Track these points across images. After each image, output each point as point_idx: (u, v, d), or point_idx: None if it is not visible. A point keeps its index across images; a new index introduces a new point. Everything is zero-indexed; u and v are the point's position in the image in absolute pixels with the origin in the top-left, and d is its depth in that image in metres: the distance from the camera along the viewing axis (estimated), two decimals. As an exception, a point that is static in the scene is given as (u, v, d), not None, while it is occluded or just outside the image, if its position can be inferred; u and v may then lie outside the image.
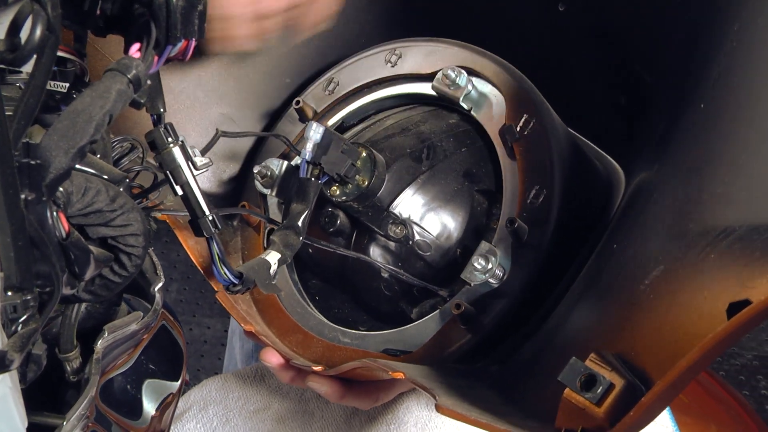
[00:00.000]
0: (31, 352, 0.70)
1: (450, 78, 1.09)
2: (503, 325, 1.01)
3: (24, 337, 0.61)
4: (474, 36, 1.14)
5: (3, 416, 0.62)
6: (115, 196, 0.75)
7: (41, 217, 0.65)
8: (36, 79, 0.63)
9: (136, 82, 0.72)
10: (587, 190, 1.09)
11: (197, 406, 1.32)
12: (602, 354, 0.73)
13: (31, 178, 0.63)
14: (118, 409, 0.93)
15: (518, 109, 1.05)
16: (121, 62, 0.72)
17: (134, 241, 0.78)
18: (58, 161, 0.65)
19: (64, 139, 0.66)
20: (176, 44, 0.79)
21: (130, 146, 0.99)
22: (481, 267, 0.99)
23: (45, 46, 0.63)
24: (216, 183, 1.30)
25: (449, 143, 1.10)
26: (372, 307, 1.14)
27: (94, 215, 0.74)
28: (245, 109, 1.28)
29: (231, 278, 0.95)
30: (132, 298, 1.03)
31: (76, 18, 0.84)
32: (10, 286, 0.62)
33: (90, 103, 0.68)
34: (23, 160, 0.61)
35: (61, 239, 0.69)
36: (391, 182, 1.07)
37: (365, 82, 1.20)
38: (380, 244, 1.09)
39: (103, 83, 0.70)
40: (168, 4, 0.75)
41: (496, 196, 1.07)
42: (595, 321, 0.86)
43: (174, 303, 3.41)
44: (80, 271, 0.73)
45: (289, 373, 1.13)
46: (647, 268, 0.77)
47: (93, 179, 0.74)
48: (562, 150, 1.03)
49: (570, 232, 1.02)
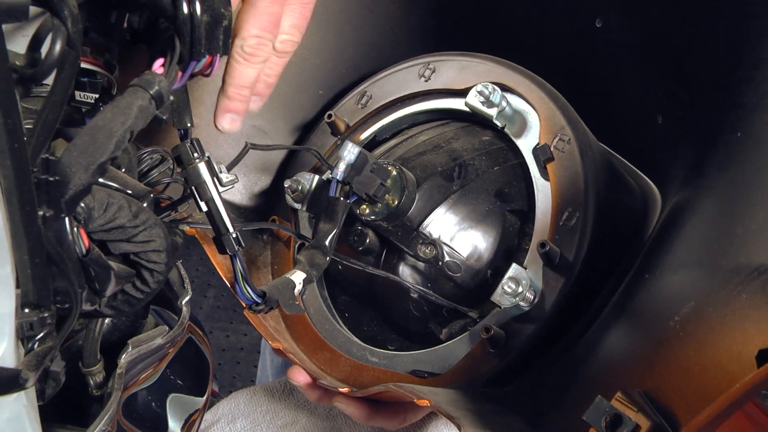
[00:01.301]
0: (50, 369, 0.69)
1: (484, 94, 1.07)
2: (533, 350, 0.99)
3: (39, 356, 0.61)
4: (509, 51, 1.12)
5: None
6: (137, 212, 0.74)
7: (60, 234, 0.64)
8: (55, 94, 0.62)
9: (158, 98, 0.71)
10: (622, 212, 1.07)
11: (225, 419, 1.31)
12: (629, 393, 0.71)
13: (50, 195, 0.62)
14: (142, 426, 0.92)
15: (553, 127, 1.03)
16: (143, 78, 0.71)
17: (157, 258, 0.77)
18: (78, 178, 0.64)
19: (84, 156, 0.65)
20: (200, 60, 0.78)
21: (160, 158, 0.99)
22: (512, 290, 0.98)
23: (65, 62, 0.62)
24: (247, 196, 1.29)
25: (482, 161, 1.08)
26: (401, 326, 1.12)
27: (116, 231, 0.73)
28: (278, 122, 1.27)
29: (254, 297, 0.94)
30: (161, 311, 1.02)
31: (103, 30, 0.83)
32: (27, 303, 0.61)
33: (111, 119, 0.67)
34: (42, 177, 0.61)
35: (81, 255, 0.68)
36: (422, 201, 1.06)
37: (398, 96, 1.19)
38: (409, 264, 1.07)
39: (125, 99, 0.70)
40: (192, 19, 0.74)
41: (528, 216, 1.05)
42: (624, 355, 0.84)
43: (211, 309, 3.42)
44: (101, 288, 0.72)
45: (316, 392, 1.12)
46: (677, 304, 0.74)
47: (115, 194, 0.73)
48: (596, 170, 1.00)
49: (603, 255, 1.00)
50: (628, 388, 0.72)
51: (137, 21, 0.81)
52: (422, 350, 1.06)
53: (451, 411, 0.87)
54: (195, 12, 0.74)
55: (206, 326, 3.37)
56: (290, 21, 0.99)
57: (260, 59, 0.97)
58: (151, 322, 0.98)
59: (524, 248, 1.04)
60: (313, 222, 1.19)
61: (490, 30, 1.23)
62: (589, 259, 0.97)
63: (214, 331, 3.37)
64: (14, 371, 0.58)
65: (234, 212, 1.28)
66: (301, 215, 1.21)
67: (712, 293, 0.72)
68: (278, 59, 1.00)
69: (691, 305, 0.73)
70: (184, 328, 0.97)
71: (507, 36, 1.20)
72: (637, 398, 0.71)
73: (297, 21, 0.99)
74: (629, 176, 1.11)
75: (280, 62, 1.00)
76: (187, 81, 0.86)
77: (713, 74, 0.95)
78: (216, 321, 3.40)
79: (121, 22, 0.82)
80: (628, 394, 0.71)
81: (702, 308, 0.72)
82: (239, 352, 3.32)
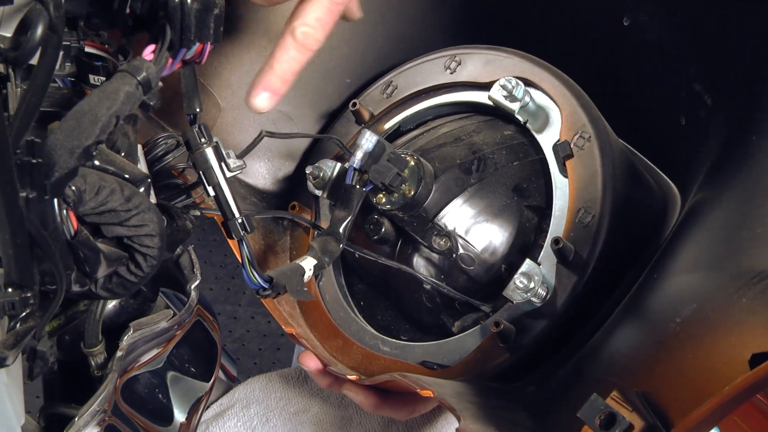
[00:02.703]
0: (36, 348, 0.70)
1: (507, 89, 1.06)
2: (542, 346, 0.98)
3: (19, 335, 0.61)
4: (536, 46, 1.11)
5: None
6: (130, 196, 0.75)
7: (44, 216, 0.65)
8: (38, 78, 0.62)
9: (145, 84, 0.71)
10: (639, 212, 1.06)
11: (240, 404, 1.32)
12: (625, 392, 0.71)
13: (34, 177, 0.63)
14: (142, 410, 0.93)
15: (574, 124, 1.02)
16: (132, 64, 0.72)
17: (149, 242, 0.78)
18: (63, 161, 0.65)
19: (69, 139, 0.65)
20: (191, 47, 0.78)
21: (176, 143, 0.99)
22: (523, 285, 0.97)
23: (47, 46, 0.62)
24: (271, 181, 1.30)
25: (501, 155, 1.08)
26: (414, 317, 1.12)
27: (108, 214, 0.74)
28: (304, 108, 1.28)
29: (260, 282, 0.94)
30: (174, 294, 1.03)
31: (106, 16, 0.83)
32: (10, 283, 0.62)
33: (97, 103, 0.68)
34: (25, 158, 0.61)
35: (69, 238, 0.68)
36: (438, 193, 1.05)
37: (423, 87, 1.18)
38: (424, 255, 1.07)
39: (112, 84, 0.70)
40: (183, 6, 0.74)
41: (545, 213, 1.05)
42: (626, 356, 0.83)
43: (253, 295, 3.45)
44: (91, 270, 0.73)
45: (326, 379, 1.13)
46: (680, 306, 0.74)
47: (108, 178, 0.74)
48: (615, 169, 0.99)
49: (618, 254, 0.99)
50: (627, 388, 0.72)
51: (139, 7, 0.82)
52: (433, 342, 1.06)
53: (453, 403, 0.87)
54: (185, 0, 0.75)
55: (249, 311, 3.40)
56: (316, 14, 0.99)
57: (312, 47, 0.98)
58: (162, 305, 0.99)
59: (540, 244, 1.03)
60: (333, 209, 1.19)
61: (518, 25, 1.22)
62: (603, 258, 0.97)
63: (256, 317, 3.40)
64: None
65: (256, 196, 1.28)
66: (322, 202, 1.22)
67: (714, 296, 0.71)
68: (297, 54, 0.99)
69: (693, 307, 0.72)
70: (192, 312, 0.98)
71: (534, 31, 1.19)
72: (633, 398, 0.70)
73: (323, 15, 0.99)
74: (650, 176, 1.10)
75: (299, 58, 1.00)
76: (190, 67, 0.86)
77: (736, 76, 0.94)
78: (258, 306, 3.42)
79: (123, 8, 0.83)
80: (624, 394, 0.71)
81: (703, 311, 0.71)
82: (280, 338, 3.34)
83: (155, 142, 0.97)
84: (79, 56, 0.84)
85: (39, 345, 0.71)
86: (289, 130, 1.25)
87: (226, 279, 3.56)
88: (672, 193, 1.10)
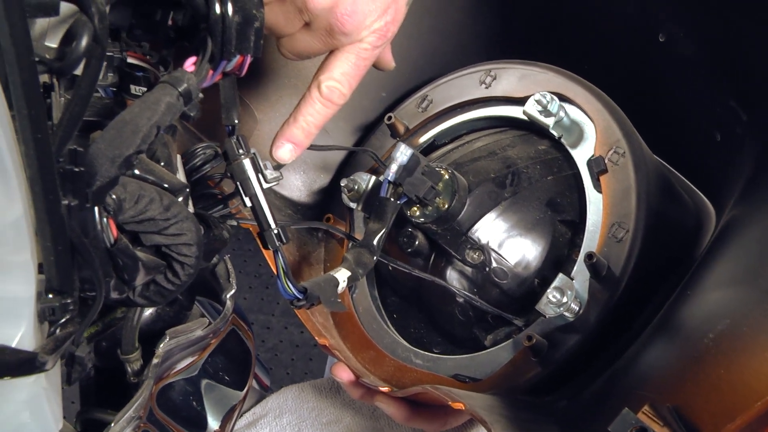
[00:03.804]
0: (75, 354, 0.71)
1: (542, 104, 1.07)
2: (574, 361, 0.98)
3: (58, 340, 0.63)
4: (571, 61, 1.11)
5: (35, 415, 0.64)
6: (169, 205, 0.76)
7: (85, 223, 0.66)
8: (82, 87, 0.64)
9: (186, 95, 0.72)
10: (673, 228, 1.06)
11: (273, 413, 1.33)
12: (656, 407, 0.71)
13: (76, 185, 0.64)
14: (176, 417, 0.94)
15: (608, 140, 1.02)
16: (173, 75, 0.73)
17: (187, 251, 0.79)
18: (105, 169, 0.66)
19: (110, 148, 0.67)
20: (231, 59, 0.79)
21: (214, 153, 1.01)
22: (556, 300, 0.97)
23: (91, 56, 0.63)
24: (306, 193, 1.31)
25: (535, 170, 1.08)
26: (446, 330, 1.12)
27: (147, 223, 0.75)
28: (339, 121, 1.28)
29: (294, 292, 0.95)
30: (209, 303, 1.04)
31: (148, 28, 0.85)
32: (51, 289, 0.63)
33: (138, 113, 0.69)
34: (67, 167, 0.62)
35: (109, 245, 0.70)
36: (472, 206, 1.06)
37: (458, 101, 1.19)
38: (457, 269, 1.08)
39: (153, 94, 0.71)
40: (224, 19, 0.76)
41: (579, 228, 1.05)
42: (659, 370, 0.83)
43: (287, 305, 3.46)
44: (129, 278, 0.74)
45: (358, 390, 1.13)
46: (714, 321, 0.74)
47: (148, 187, 0.75)
48: (649, 185, 1.00)
49: (651, 270, 0.99)
50: (658, 403, 0.72)
51: (181, 19, 0.83)
52: (465, 355, 1.07)
53: (485, 415, 0.87)
54: (227, 12, 0.76)
55: (282, 322, 3.41)
56: (342, 68, 1.00)
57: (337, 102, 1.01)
58: (197, 313, 1.00)
59: (573, 259, 1.03)
60: (367, 222, 1.20)
61: (553, 40, 1.22)
62: (636, 274, 0.97)
63: (290, 327, 3.41)
64: (31, 354, 0.60)
65: (291, 208, 1.29)
66: (356, 214, 1.22)
67: (747, 312, 0.71)
68: (322, 108, 1.01)
69: (726, 323, 0.72)
70: (227, 320, 0.99)
71: (570, 46, 1.19)
72: (665, 412, 0.70)
73: (350, 70, 1.01)
74: (684, 192, 1.10)
75: (323, 112, 1.02)
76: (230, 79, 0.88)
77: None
78: (292, 317, 3.43)
79: (165, 19, 0.84)
80: (655, 408, 0.71)
81: (737, 327, 0.71)
82: (312, 349, 3.35)
83: (193, 153, 0.98)
84: (121, 67, 0.86)
85: (77, 351, 0.72)
86: (325, 142, 1.26)
87: (260, 289, 3.58)
88: (706, 210, 1.10)
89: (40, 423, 0.64)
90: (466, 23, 1.26)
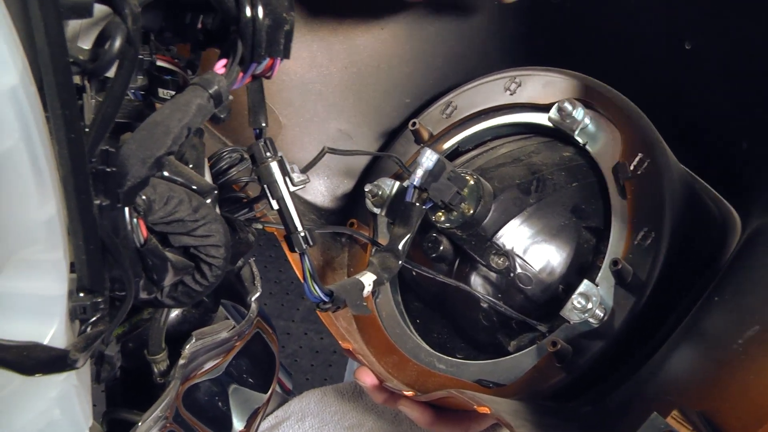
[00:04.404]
0: (105, 353, 0.72)
1: (566, 110, 1.07)
2: (599, 367, 0.98)
3: (89, 339, 0.63)
4: (596, 68, 1.11)
5: (66, 412, 0.64)
6: (198, 207, 0.77)
7: (116, 223, 0.67)
8: (114, 89, 0.64)
9: (217, 97, 0.73)
10: (698, 235, 1.05)
11: (295, 416, 1.33)
12: (685, 411, 0.71)
13: (107, 185, 0.64)
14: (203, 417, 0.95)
15: (633, 147, 1.02)
16: (204, 77, 0.73)
17: (215, 252, 0.79)
18: (136, 170, 0.67)
19: (141, 149, 0.67)
20: (261, 62, 0.80)
21: (240, 156, 1.01)
22: (581, 306, 0.97)
23: (124, 58, 0.64)
24: (330, 198, 1.31)
25: (560, 177, 1.08)
26: (470, 335, 1.13)
27: (176, 224, 0.76)
28: (363, 127, 1.29)
29: (321, 295, 0.95)
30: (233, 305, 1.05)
31: (178, 31, 0.85)
32: (82, 288, 0.64)
33: (169, 115, 0.69)
34: (99, 167, 0.63)
35: (139, 245, 0.70)
36: (497, 212, 1.06)
37: (483, 108, 1.19)
38: (481, 274, 1.08)
39: (184, 96, 0.72)
40: (254, 22, 0.76)
41: (604, 234, 1.05)
42: (686, 375, 0.83)
43: (308, 311, 3.47)
44: (158, 278, 0.74)
45: (382, 395, 1.13)
46: (742, 327, 0.74)
47: (177, 189, 0.76)
48: (674, 192, 0.99)
49: (676, 277, 0.99)
50: (687, 408, 0.72)
51: (210, 22, 0.83)
52: (489, 360, 1.07)
53: (510, 420, 0.88)
54: (257, 15, 0.76)
55: (302, 328, 3.42)
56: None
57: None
58: (222, 315, 1.01)
59: (597, 265, 1.03)
60: (391, 227, 1.20)
61: (578, 47, 1.22)
62: (661, 280, 0.96)
63: (309, 333, 3.42)
64: (63, 351, 0.60)
65: (315, 213, 1.30)
66: (380, 220, 1.23)
67: (777, 318, 0.71)
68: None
69: (756, 329, 0.72)
70: (252, 323, 0.99)
71: (594, 53, 1.19)
72: (694, 418, 0.70)
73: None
74: (709, 200, 1.10)
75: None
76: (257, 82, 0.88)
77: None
78: (312, 323, 3.44)
79: (195, 23, 0.85)
80: (684, 413, 0.71)
81: (766, 333, 0.71)
82: (332, 355, 3.35)
83: (220, 156, 0.99)
84: (150, 70, 0.87)
85: (107, 350, 0.73)
86: (349, 148, 1.27)
87: (280, 295, 3.58)
88: (732, 218, 1.09)
89: (71, 420, 0.65)
90: (491, 30, 1.26)
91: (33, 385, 0.61)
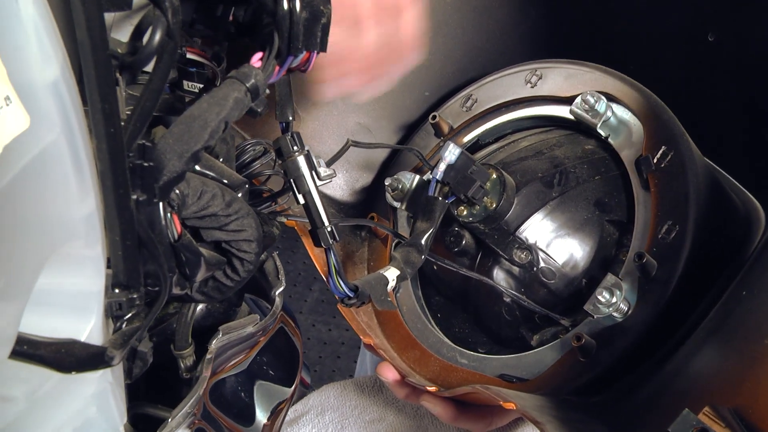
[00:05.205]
0: (137, 349, 0.71)
1: (589, 103, 1.07)
2: (624, 362, 0.98)
3: (126, 335, 0.63)
4: (618, 61, 1.11)
5: (102, 410, 0.64)
6: (230, 201, 0.76)
7: (152, 218, 0.66)
8: (153, 82, 0.64)
9: (254, 91, 0.72)
10: (723, 228, 1.05)
11: (315, 410, 1.33)
12: (717, 408, 0.71)
13: (144, 180, 0.64)
14: (228, 412, 0.94)
15: (657, 139, 1.02)
16: (241, 70, 0.73)
17: (247, 247, 0.79)
18: (172, 165, 0.66)
19: (178, 143, 0.67)
20: (298, 55, 0.79)
21: (263, 150, 1.01)
22: (605, 300, 0.97)
23: (164, 51, 0.63)
24: (349, 192, 1.31)
25: (583, 170, 1.08)
26: (492, 329, 1.12)
27: (209, 219, 0.75)
28: (382, 120, 1.28)
29: (346, 291, 0.95)
30: (256, 300, 1.04)
31: (209, 23, 0.85)
32: (117, 284, 0.63)
33: (206, 109, 0.69)
34: (137, 162, 0.63)
35: (173, 241, 0.70)
36: (520, 206, 1.06)
37: (503, 101, 1.19)
38: (504, 268, 1.07)
39: (221, 90, 0.71)
40: (292, 15, 0.75)
41: (627, 228, 1.04)
42: (715, 371, 0.83)
43: (316, 303, 3.46)
44: (191, 273, 0.74)
45: (404, 390, 1.13)
46: (774, 323, 0.73)
47: (210, 183, 0.75)
48: (698, 185, 0.99)
49: (701, 270, 0.98)
50: (717, 405, 0.71)
51: (242, 15, 0.83)
52: (512, 355, 1.06)
53: (536, 416, 0.87)
54: (294, 8, 0.75)
55: (310, 319, 3.41)
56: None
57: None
58: (245, 310, 1.00)
59: (621, 259, 1.03)
60: (411, 221, 1.20)
61: (599, 39, 1.22)
62: (686, 274, 0.96)
63: (317, 325, 3.41)
64: (100, 348, 0.60)
65: (334, 207, 1.30)
66: (400, 214, 1.22)
67: (808, 314, 0.71)
68: None
69: (788, 325, 0.72)
70: (276, 318, 0.99)
71: (616, 46, 1.19)
72: (726, 414, 0.70)
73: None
74: (734, 193, 1.09)
75: None
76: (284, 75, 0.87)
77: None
78: (320, 314, 3.43)
79: (227, 15, 0.84)
80: (716, 410, 0.71)
81: (798, 329, 0.71)
82: (340, 347, 3.34)
83: (243, 149, 0.98)
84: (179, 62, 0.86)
85: (140, 346, 0.72)
86: (368, 141, 1.26)
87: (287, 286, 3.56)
88: (756, 211, 1.09)
89: (107, 417, 0.64)
90: (511, 23, 1.26)
91: (70, 383, 0.60)
